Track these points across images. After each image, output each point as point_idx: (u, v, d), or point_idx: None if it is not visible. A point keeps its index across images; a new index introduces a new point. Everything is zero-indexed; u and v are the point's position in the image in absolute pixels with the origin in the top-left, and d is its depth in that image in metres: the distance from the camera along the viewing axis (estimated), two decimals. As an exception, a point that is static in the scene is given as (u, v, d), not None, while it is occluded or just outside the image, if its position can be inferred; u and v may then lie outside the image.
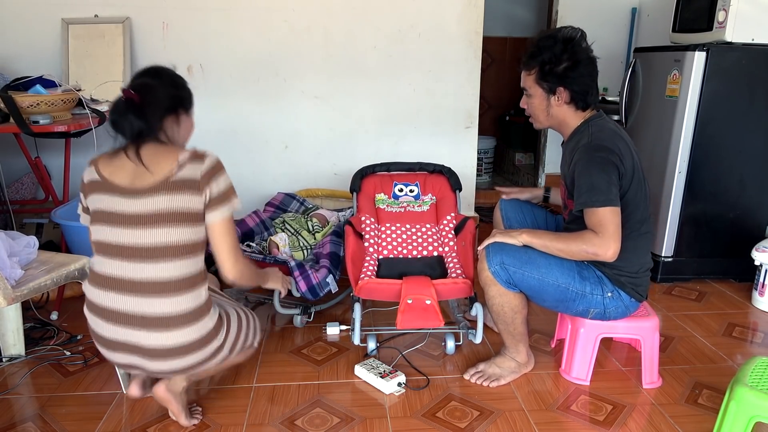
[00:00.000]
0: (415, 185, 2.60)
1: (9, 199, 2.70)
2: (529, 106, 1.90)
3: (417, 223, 2.50)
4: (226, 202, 1.54)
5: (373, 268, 2.27)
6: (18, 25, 2.90)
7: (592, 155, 1.73)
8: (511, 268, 1.78)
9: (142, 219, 1.45)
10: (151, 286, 1.46)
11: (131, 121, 1.47)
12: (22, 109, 2.24)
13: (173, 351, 1.50)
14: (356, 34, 3.08)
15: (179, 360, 1.52)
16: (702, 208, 2.77)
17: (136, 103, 1.48)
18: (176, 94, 1.60)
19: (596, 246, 1.70)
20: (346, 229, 2.27)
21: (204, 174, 1.49)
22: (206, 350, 1.55)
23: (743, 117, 2.66)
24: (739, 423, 1.45)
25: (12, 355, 2.11)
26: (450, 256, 2.37)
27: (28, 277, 1.69)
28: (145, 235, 1.45)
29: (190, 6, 2.95)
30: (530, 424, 1.77)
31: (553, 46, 1.76)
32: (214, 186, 1.51)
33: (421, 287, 2.00)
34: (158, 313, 1.47)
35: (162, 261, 1.46)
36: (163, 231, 1.45)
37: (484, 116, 4.35)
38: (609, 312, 1.86)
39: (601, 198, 1.69)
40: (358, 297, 2.12)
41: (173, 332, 1.48)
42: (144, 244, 1.45)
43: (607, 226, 1.69)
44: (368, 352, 2.15)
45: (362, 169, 2.56)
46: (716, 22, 2.68)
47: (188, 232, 1.48)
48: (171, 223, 1.46)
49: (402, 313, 1.99)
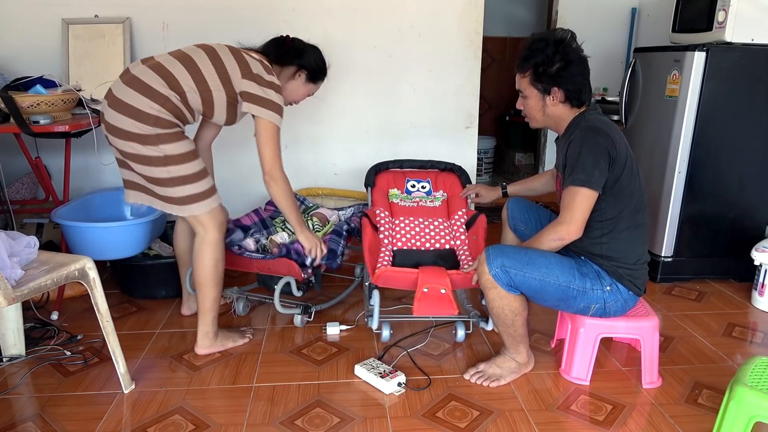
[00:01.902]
0: (427, 182, 2.68)
1: (9, 199, 2.70)
2: (525, 107, 1.94)
3: (429, 217, 2.56)
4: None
5: (388, 258, 2.32)
6: (18, 25, 2.90)
7: (586, 135, 1.79)
8: (512, 270, 1.79)
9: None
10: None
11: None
12: (22, 109, 2.24)
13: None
14: (356, 34, 3.08)
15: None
16: (702, 208, 2.77)
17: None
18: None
19: (558, 231, 1.79)
20: (363, 221, 2.35)
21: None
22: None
23: (743, 117, 2.66)
24: (738, 423, 1.45)
25: (12, 355, 2.11)
26: (461, 249, 2.43)
27: (28, 277, 1.68)
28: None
29: (190, 6, 2.95)
30: (530, 424, 1.77)
31: (545, 48, 1.80)
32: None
33: (437, 276, 2.04)
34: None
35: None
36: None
37: (484, 116, 4.36)
38: (609, 307, 1.87)
39: (582, 177, 1.73)
40: (374, 285, 2.17)
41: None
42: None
43: (573, 207, 1.75)
44: (382, 339, 2.22)
45: (376, 165, 2.65)
46: (716, 22, 2.68)
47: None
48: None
49: (418, 300, 2.02)
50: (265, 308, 2.56)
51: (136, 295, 2.65)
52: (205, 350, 2.16)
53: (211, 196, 2.03)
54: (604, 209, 1.82)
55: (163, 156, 1.91)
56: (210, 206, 2.02)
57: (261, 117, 1.99)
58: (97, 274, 1.83)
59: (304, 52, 2.17)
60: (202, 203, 2.00)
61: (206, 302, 2.10)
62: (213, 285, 2.09)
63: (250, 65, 2.00)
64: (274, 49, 2.15)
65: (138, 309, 2.55)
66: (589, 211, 1.77)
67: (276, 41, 2.18)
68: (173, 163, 1.92)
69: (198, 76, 1.94)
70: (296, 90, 2.21)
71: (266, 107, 1.98)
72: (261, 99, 1.98)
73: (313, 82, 2.23)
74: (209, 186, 2.03)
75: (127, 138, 1.90)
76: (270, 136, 2.01)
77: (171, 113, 1.92)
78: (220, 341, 2.18)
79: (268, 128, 2.00)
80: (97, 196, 2.63)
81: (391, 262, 2.32)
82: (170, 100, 1.91)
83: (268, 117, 1.99)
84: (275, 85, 2.02)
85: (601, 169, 1.74)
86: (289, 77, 2.17)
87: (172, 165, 1.92)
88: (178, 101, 1.93)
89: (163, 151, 1.90)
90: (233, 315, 2.49)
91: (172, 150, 1.91)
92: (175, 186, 1.95)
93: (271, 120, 1.99)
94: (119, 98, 1.90)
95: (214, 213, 2.04)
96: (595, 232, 1.84)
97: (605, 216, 1.83)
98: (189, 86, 1.93)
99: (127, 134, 1.90)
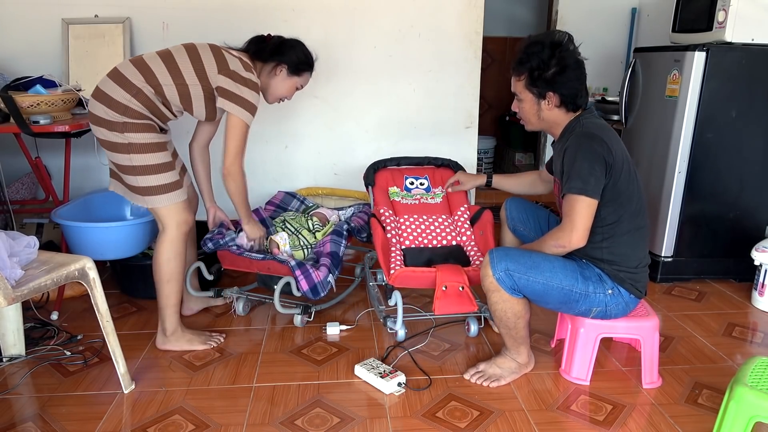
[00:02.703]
0: (425, 178, 2.69)
1: (9, 199, 2.70)
2: (520, 110, 1.94)
3: (433, 214, 2.57)
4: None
5: (400, 257, 2.32)
6: (18, 25, 2.90)
7: (581, 142, 1.77)
8: (516, 274, 1.78)
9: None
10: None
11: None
12: (22, 109, 2.24)
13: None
14: (356, 34, 3.08)
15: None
16: (702, 208, 2.77)
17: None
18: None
19: (560, 238, 1.78)
20: (372, 222, 2.36)
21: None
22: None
23: (743, 117, 2.66)
24: (738, 423, 1.45)
25: (12, 355, 2.11)
26: (469, 245, 2.44)
27: (28, 277, 1.68)
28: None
29: (190, 6, 2.95)
30: (530, 424, 1.77)
31: (541, 52, 1.78)
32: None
33: (454, 274, 2.06)
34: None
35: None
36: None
37: (484, 116, 4.36)
38: (610, 310, 1.87)
39: (578, 185, 1.73)
40: (392, 285, 2.17)
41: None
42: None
43: (573, 216, 1.74)
44: (398, 339, 2.24)
45: (374, 164, 2.66)
46: (716, 22, 2.68)
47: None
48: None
49: (438, 299, 2.03)
50: (265, 308, 2.56)
51: (136, 295, 2.65)
52: (161, 346, 2.18)
53: (172, 190, 2.04)
54: (605, 215, 1.81)
55: (126, 143, 1.95)
56: (170, 201, 2.04)
57: (231, 113, 2.03)
58: (97, 274, 1.83)
59: (282, 46, 2.18)
60: (162, 196, 2.02)
61: (160, 299, 2.13)
62: (164, 282, 2.09)
63: (227, 61, 2.03)
64: (253, 46, 2.17)
65: (138, 309, 2.55)
66: (590, 219, 1.75)
67: (256, 39, 2.20)
68: (135, 151, 1.96)
69: (175, 70, 1.99)
70: (280, 85, 2.22)
71: (238, 104, 2.02)
72: (234, 96, 2.01)
73: (296, 74, 2.23)
74: (172, 180, 2.05)
75: (98, 123, 1.97)
76: (237, 133, 2.05)
77: (143, 105, 1.96)
78: (177, 341, 2.18)
79: (237, 125, 2.04)
80: (97, 196, 2.63)
81: (403, 262, 2.32)
82: (143, 91, 1.95)
83: (238, 114, 2.02)
84: (251, 83, 2.04)
85: (597, 176, 1.73)
86: (270, 73, 2.19)
87: (135, 153, 1.97)
88: (152, 95, 1.98)
89: (127, 138, 1.95)
90: (233, 315, 2.49)
91: (136, 138, 1.96)
92: (137, 175, 1.99)
93: (240, 117, 2.03)
94: (99, 88, 1.98)
95: (173, 209, 2.05)
96: (596, 237, 1.83)
97: (606, 221, 1.82)
98: (166, 80, 1.98)
99: (98, 120, 1.97)
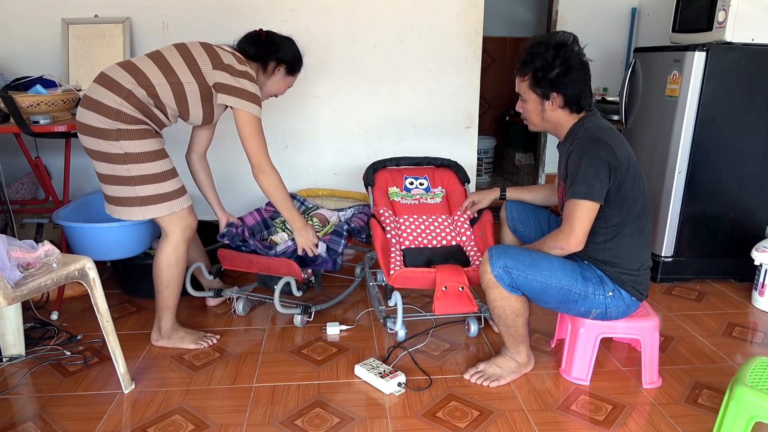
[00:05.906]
0: (425, 178, 2.68)
1: (9, 199, 2.70)
2: (524, 110, 1.93)
3: (432, 214, 2.56)
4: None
5: (399, 258, 2.32)
6: (18, 25, 2.90)
7: (585, 146, 1.77)
8: (515, 271, 1.78)
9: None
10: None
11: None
12: (22, 109, 2.24)
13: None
14: (356, 34, 3.08)
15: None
16: (702, 208, 2.77)
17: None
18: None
19: (559, 240, 1.79)
20: (371, 222, 2.35)
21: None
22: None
23: (743, 117, 2.66)
24: (738, 423, 1.45)
25: (12, 355, 2.11)
26: (468, 245, 2.44)
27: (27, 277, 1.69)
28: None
29: (190, 6, 2.95)
30: (530, 424, 1.77)
31: (545, 53, 1.78)
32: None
33: (454, 275, 2.06)
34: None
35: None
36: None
37: (484, 116, 4.36)
38: (610, 312, 1.87)
39: (583, 190, 1.73)
40: (391, 286, 2.17)
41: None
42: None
43: (573, 220, 1.75)
44: (398, 339, 2.24)
45: (374, 164, 2.64)
46: (716, 22, 2.68)
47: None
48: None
49: (438, 299, 2.03)
50: (265, 308, 2.56)
51: (137, 295, 2.65)
52: (154, 342, 2.21)
53: (174, 198, 2.00)
54: (609, 216, 1.81)
55: (123, 153, 1.90)
56: (171, 209, 1.99)
57: (238, 108, 1.98)
58: (96, 274, 1.83)
59: (280, 46, 2.18)
60: (163, 205, 1.98)
61: (158, 300, 2.13)
62: (163, 287, 2.08)
63: (220, 56, 2.00)
64: (251, 47, 2.14)
65: (138, 309, 2.55)
66: (590, 223, 1.76)
67: (250, 37, 2.16)
68: (133, 161, 1.91)
69: (167, 69, 1.94)
70: (277, 84, 2.23)
71: (242, 97, 1.97)
72: (235, 89, 1.97)
73: (291, 74, 2.26)
74: (175, 188, 2.00)
75: (90, 133, 1.91)
76: (252, 128, 2.00)
77: (135, 107, 1.90)
78: (170, 338, 2.19)
79: (248, 120, 1.99)
80: (97, 197, 2.62)
81: (403, 262, 2.32)
82: (133, 93, 1.89)
83: (245, 108, 1.98)
84: (248, 75, 2.01)
85: (602, 180, 1.73)
86: (270, 72, 2.19)
87: (132, 163, 1.91)
88: (144, 96, 1.91)
89: (123, 148, 1.89)
90: (233, 315, 2.49)
91: (132, 147, 1.90)
92: (135, 185, 1.93)
93: (249, 111, 1.98)
94: (87, 95, 1.92)
95: (177, 216, 2.02)
96: (599, 238, 1.83)
97: (610, 222, 1.82)
98: (159, 80, 1.92)
99: (89, 129, 1.90)
